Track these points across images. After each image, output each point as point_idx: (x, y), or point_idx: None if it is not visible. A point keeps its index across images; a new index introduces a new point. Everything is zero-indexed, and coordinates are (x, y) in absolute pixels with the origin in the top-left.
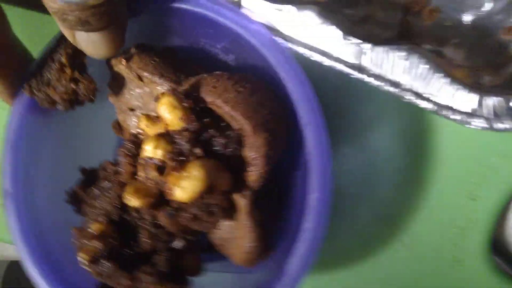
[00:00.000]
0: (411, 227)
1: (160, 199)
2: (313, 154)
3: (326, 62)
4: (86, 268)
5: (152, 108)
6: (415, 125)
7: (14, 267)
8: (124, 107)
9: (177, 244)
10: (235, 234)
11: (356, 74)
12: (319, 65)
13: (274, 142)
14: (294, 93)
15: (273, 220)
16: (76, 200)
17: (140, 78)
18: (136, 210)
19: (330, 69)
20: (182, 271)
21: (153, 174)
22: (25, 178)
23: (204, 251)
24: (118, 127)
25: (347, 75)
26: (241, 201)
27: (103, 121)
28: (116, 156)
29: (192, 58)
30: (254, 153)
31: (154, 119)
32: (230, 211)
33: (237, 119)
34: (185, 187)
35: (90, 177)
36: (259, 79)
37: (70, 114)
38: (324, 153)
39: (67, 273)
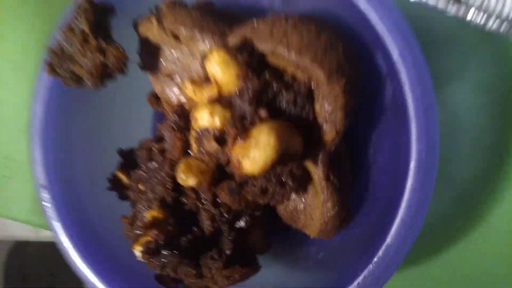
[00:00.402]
0: (495, 214)
1: (219, 174)
2: (411, 97)
3: None
4: (145, 261)
5: (195, 70)
6: (508, 78)
7: (19, 248)
8: (161, 75)
9: (242, 222)
10: (310, 203)
11: (452, 10)
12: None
13: (352, 90)
14: (379, 23)
15: (347, 183)
16: (119, 186)
17: (176, 37)
18: (193, 189)
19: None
20: (250, 250)
21: (213, 146)
22: (59, 169)
23: (269, 224)
24: (155, 99)
25: (439, 11)
26: (316, 166)
27: (137, 94)
28: (155, 133)
29: (232, 7)
30: (330, 105)
31: (201, 82)
32: (304, 179)
33: (305, 66)
34: (255, 157)
35: (130, 159)
36: (321, 17)
37: (98, 92)
38: (427, 94)
39: (122, 267)
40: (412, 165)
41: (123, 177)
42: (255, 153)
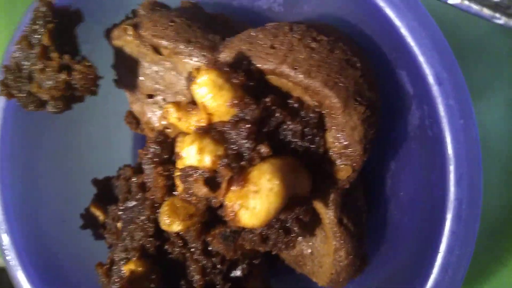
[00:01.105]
0: None
1: (209, 216)
2: (449, 130)
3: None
4: None
5: (180, 89)
6: None
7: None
8: (139, 93)
9: (238, 272)
10: (318, 248)
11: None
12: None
13: (372, 118)
14: (409, 34)
15: (363, 224)
16: (94, 223)
17: (156, 50)
18: (179, 236)
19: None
20: None
21: (202, 190)
22: (22, 201)
23: (269, 267)
24: (134, 120)
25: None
26: (326, 207)
27: (114, 112)
28: (136, 157)
29: (224, 12)
30: (346, 138)
31: (188, 107)
32: (312, 224)
33: (316, 90)
34: (255, 207)
35: (106, 189)
36: (332, 26)
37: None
38: (470, 129)
39: None
40: (450, 217)
41: (98, 213)
42: (256, 203)
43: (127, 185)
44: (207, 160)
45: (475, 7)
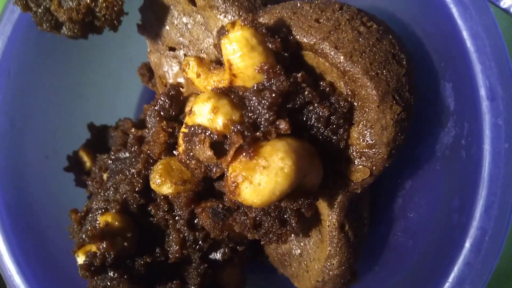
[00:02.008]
0: None
1: (204, 187)
2: (490, 159)
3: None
4: (83, 276)
5: (206, 47)
6: None
7: None
8: (161, 44)
9: (219, 255)
10: (309, 251)
11: None
12: None
13: (405, 123)
14: (471, 42)
15: (363, 238)
16: (79, 168)
17: (192, 0)
18: (167, 200)
19: None
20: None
21: (206, 153)
22: (8, 130)
23: (248, 259)
24: (147, 73)
25: None
26: (331, 208)
27: (126, 63)
28: (139, 114)
29: None
30: (373, 136)
31: (210, 64)
32: (308, 224)
33: (354, 76)
34: (260, 184)
35: (100, 138)
36: (382, 20)
37: (80, 45)
38: None
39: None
40: (468, 246)
41: (86, 159)
42: (262, 179)
43: (124, 137)
44: (219, 122)
45: None
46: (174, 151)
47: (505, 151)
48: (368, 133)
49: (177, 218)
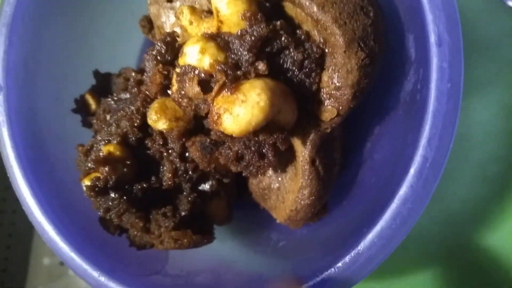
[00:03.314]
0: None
1: (194, 126)
2: (434, 93)
3: None
4: (90, 198)
5: (198, 0)
6: None
7: None
8: None
9: (207, 186)
10: (285, 185)
11: None
12: None
13: (369, 69)
14: None
15: (333, 174)
16: (85, 110)
17: None
18: (162, 134)
19: None
20: (208, 218)
21: (195, 89)
22: (22, 72)
23: (235, 195)
24: (148, 24)
25: None
26: (304, 145)
27: (128, 14)
28: (140, 64)
29: None
30: (339, 79)
31: (202, 13)
32: (286, 156)
33: (325, 25)
34: (238, 115)
35: (104, 84)
36: None
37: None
38: (454, 94)
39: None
40: (412, 172)
41: (91, 102)
42: (240, 111)
43: (125, 83)
44: (206, 61)
45: None
46: (168, 91)
47: (447, 90)
48: (336, 76)
49: (170, 151)
